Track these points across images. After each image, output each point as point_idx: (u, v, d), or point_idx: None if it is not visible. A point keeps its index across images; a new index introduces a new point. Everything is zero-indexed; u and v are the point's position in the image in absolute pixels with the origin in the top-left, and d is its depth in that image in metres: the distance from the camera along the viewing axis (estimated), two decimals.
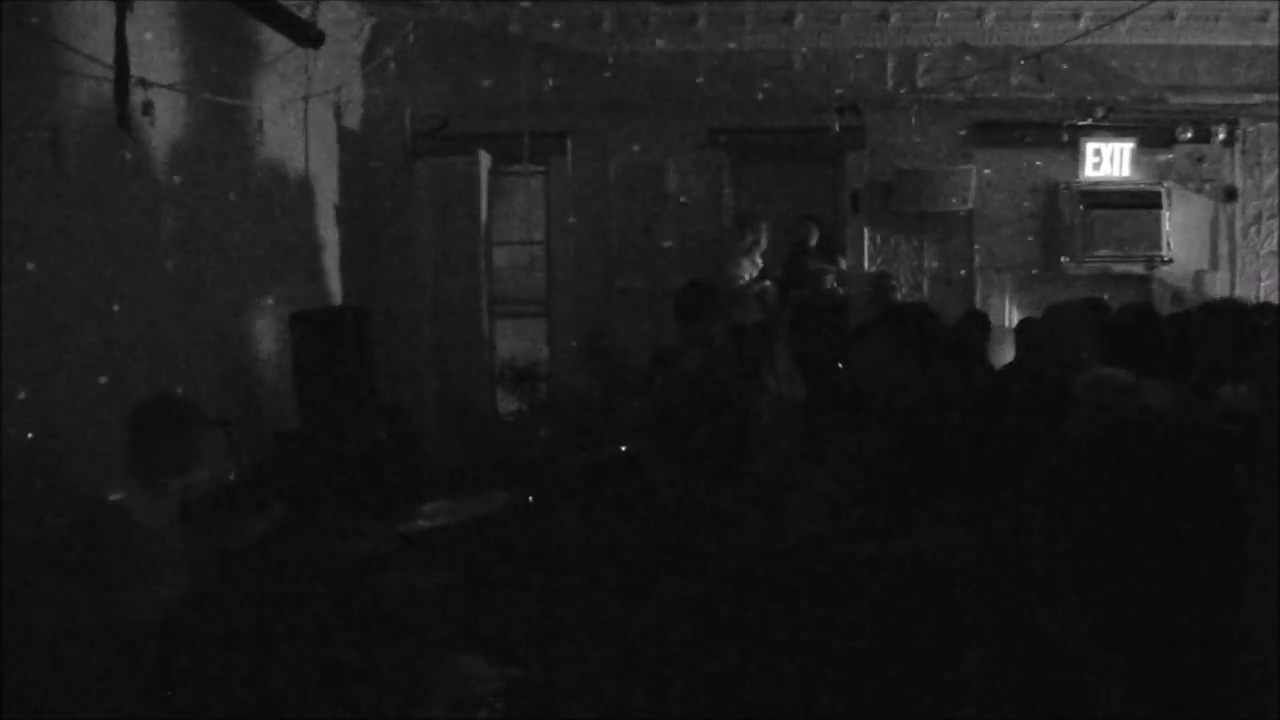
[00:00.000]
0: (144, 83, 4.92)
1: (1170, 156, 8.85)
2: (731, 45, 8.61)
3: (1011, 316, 8.51)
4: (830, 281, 8.45)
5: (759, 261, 8.32)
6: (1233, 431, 2.87)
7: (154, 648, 3.45)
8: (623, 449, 5.36)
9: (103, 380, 4.61)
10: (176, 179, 5.48)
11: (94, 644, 3.46)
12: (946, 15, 8.51)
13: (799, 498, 3.71)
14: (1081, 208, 8.71)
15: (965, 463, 3.44)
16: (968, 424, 3.67)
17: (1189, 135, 8.72)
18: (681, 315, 5.22)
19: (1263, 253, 8.92)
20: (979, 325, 7.04)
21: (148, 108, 4.96)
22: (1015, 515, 3.06)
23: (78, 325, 4.57)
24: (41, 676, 3.56)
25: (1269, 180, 8.89)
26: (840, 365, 5.33)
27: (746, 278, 8.19)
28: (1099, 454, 1.43)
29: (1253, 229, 8.94)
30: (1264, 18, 8.29)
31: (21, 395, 4.14)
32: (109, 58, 4.61)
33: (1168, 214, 8.74)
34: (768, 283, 8.27)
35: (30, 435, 4.16)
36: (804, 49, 8.63)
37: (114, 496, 3.68)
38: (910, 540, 3.24)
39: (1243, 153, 8.87)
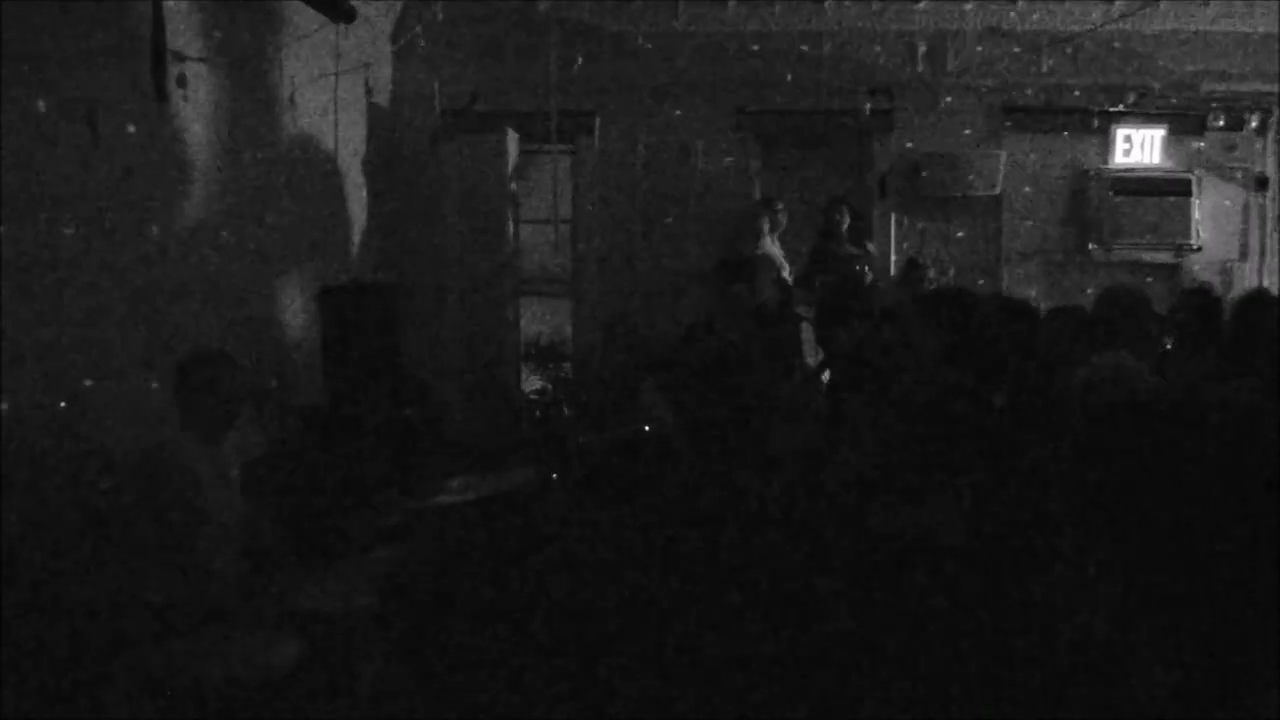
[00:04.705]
0: (179, 56, 4.97)
1: (1201, 144, 8.76)
2: (761, 26, 8.58)
3: (1037, 302, 8.46)
4: (862, 267, 8.36)
5: (776, 243, 8.28)
6: None
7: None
8: (645, 428, 5.40)
9: (133, 351, 4.67)
10: (208, 153, 5.53)
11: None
12: None
13: (826, 473, 3.73)
14: (1110, 194, 8.65)
15: (983, 443, 3.46)
16: (989, 407, 3.68)
17: (1221, 123, 8.63)
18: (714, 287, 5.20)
19: None
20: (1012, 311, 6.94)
21: (182, 81, 5.00)
22: (1027, 495, 3.07)
23: (109, 296, 4.63)
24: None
25: None
26: (866, 347, 5.33)
27: (764, 257, 8.16)
28: (1117, 432, 1.42)
29: None
30: None
31: (56, 364, 4.21)
32: (145, 31, 4.66)
33: (1197, 202, 8.67)
34: (782, 262, 8.24)
35: (63, 404, 4.23)
36: (834, 31, 8.60)
37: (171, 447, 3.72)
38: (919, 514, 3.26)
39: (1275, 141, 8.77)
